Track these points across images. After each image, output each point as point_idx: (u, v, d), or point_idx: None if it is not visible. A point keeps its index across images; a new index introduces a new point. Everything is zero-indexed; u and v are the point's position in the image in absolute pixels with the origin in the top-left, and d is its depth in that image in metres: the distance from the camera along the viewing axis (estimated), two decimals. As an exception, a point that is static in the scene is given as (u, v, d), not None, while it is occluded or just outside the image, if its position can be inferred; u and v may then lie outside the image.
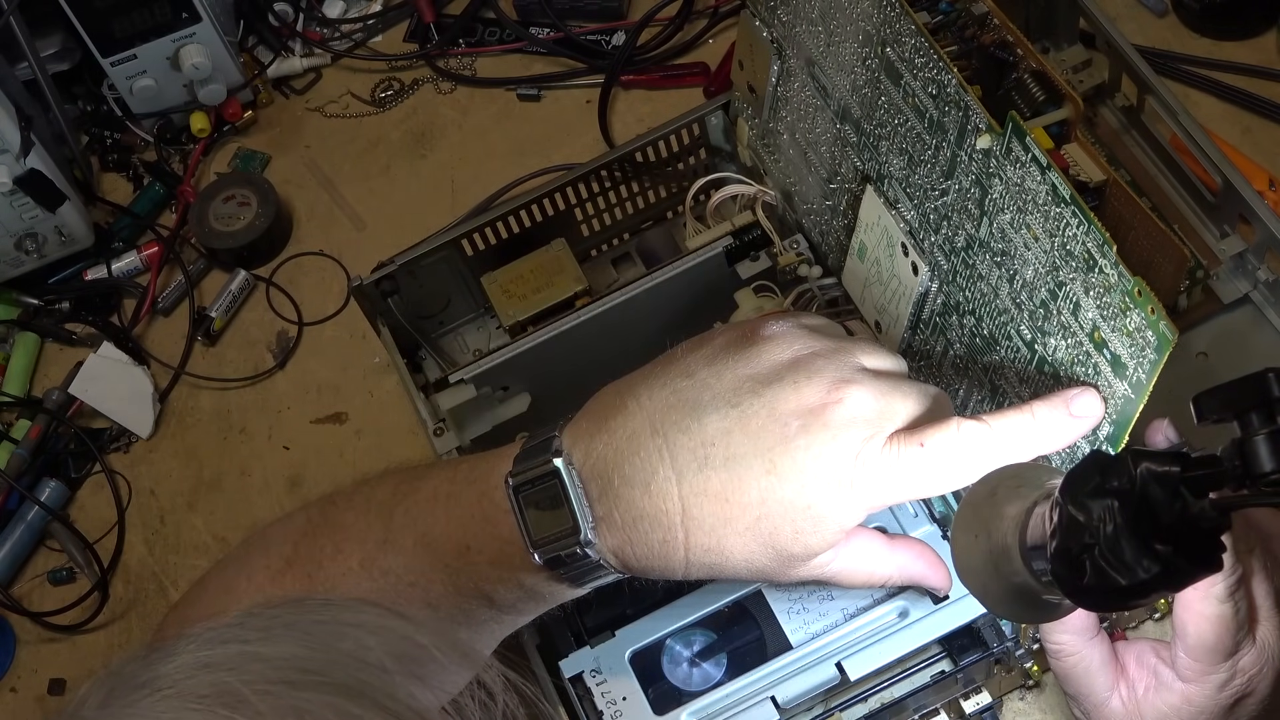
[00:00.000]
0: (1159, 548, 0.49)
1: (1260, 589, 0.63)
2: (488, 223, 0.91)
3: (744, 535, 0.61)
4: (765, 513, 0.61)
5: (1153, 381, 0.59)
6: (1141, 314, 0.58)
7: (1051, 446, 0.62)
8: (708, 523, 0.61)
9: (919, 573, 0.68)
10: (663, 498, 0.61)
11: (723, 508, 0.61)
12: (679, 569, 0.63)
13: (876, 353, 0.65)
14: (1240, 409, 0.51)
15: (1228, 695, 0.63)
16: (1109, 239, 0.59)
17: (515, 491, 0.63)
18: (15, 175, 0.98)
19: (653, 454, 0.61)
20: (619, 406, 0.63)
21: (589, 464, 0.62)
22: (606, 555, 0.63)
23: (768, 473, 0.60)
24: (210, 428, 1.01)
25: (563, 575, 0.63)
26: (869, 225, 0.78)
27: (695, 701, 0.75)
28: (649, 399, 0.63)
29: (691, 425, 0.61)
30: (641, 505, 0.61)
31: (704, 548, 0.62)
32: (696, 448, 0.61)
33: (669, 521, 0.61)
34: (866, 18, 0.72)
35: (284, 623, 0.47)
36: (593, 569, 0.63)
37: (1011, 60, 0.72)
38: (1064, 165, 0.69)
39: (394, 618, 0.50)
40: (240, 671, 0.43)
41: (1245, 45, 1.01)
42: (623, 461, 0.62)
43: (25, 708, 0.93)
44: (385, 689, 0.45)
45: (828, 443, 0.60)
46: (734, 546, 0.62)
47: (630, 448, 0.62)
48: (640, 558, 0.62)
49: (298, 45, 1.14)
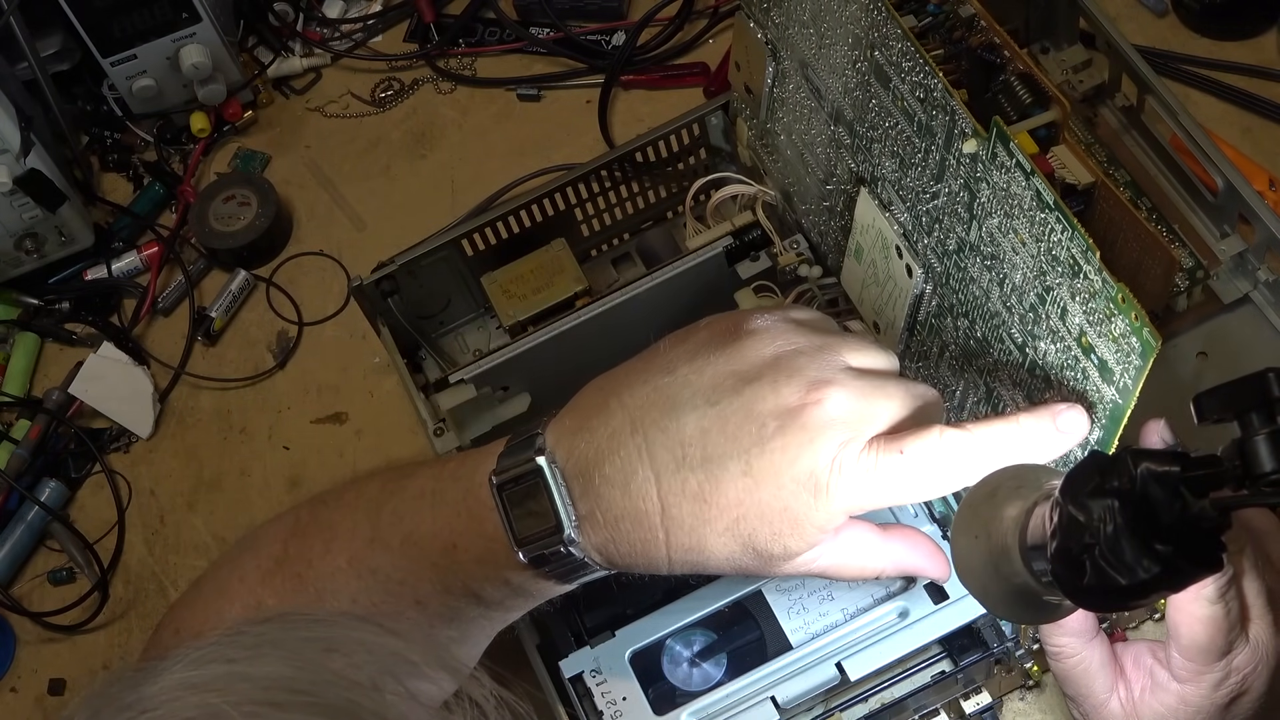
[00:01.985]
0: (1159, 548, 0.49)
1: (1252, 588, 0.63)
2: (488, 223, 0.91)
3: (723, 535, 0.61)
4: (743, 514, 0.60)
5: (1139, 387, 0.59)
6: (1126, 320, 0.58)
7: (1035, 459, 0.61)
8: (687, 522, 0.61)
9: (914, 563, 0.66)
10: (642, 498, 0.61)
11: (701, 508, 0.60)
12: (662, 566, 0.62)
13: (864, 350, 0.63)
14: (1240, 409, 0.51)
15: (1223, 694, 0.63)
16: (1092, 245, 0.59)
17: (499, 490, 0.62)
18: (15, 175, 0.98)
19: (632, 453, 0.61)
20: (601, 404, 0.63)
21: (571, 462, 0.62)
22: (591, 553, 0.62)
23: (744, 474, 0.60)
24: (210, 428, 1.01)
25: (548, 573, 0.63)
26: (864, 227, 0.78)
27: (695, 701, 0.75)
28: (630, 396, 0.62)
29: (670, 425, 0.61)
30: (622, 505, 0.61)
31: (684, 546, 0.61)
32: (674, 447, 0.60)
33: (649, 521, 0.61)
34: (855, 21, 0.72)
35: (271, 641, 0.46)
36: (578, 566, 0.63)
37: (999, 62, 0.72)
38: (1048, 170, 0.68)
39: (384, 634, 0.49)
40: (226, 692, 0.42)
41: (1245, 45, 1.01)
42: (603, 460, 0.61)
43: (25, 708, 0.93)
44: (376, 709, 0.44)
45: (804, 445, 0.59)
46: (714, 546, 0.61)
47: (610, 446, 0.61)
48: (624, 555, 0.62)
49: (298, 45, 1.14)
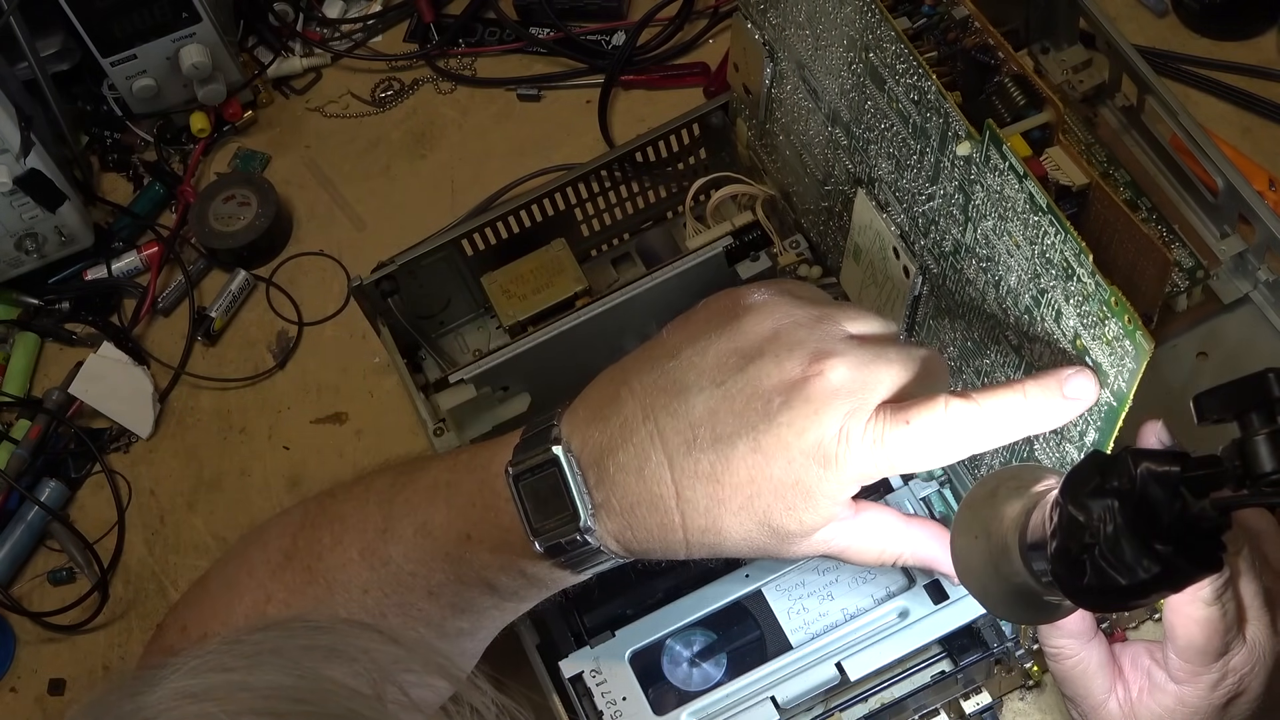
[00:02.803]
0: (1159, 548, 0.49)
1: (1249, 589, 0.63)
2: (488, 223, 0.91)
3: (738, 515, 0.61)
4: (756, 491, 0.60)
5: (1133, 390, 0.59)
6: (1119, 323, 0.58)
7: (1042, 427, 0.61)
8: (702, 504, 0.61)
9: (933, 555, 0.65)
10: (656, 482, 0.61)
11: (715, 489, 0.60)
12: (680, 550, 0.63)
13: (862, 317, 0.63)
14: (1240, 409, 0.51)
15: (1220, 695, 0.64)
16: (1085, 248, 0.59)
17: (515, 480, 0.63)
18: (15, 175, 0.98)
19: (644, 440, 0.61)
20: (613, 394, 0.63)
21: (586, 451, 0.62)
22: (607, 540, 0.63)
23: (754, 451, 0.60)
24: (210, 428, 1.01)
25: (564, 562, 0.64)
26: (862, 228, 0.78)
27: (695, 701, 0.75)
28: (639, 384, 0.63)
29: (679, 408, 0.61)
30: (637, 491, 0.61)
31: (701, 529, 0.61)
32: (684, 430, 0.61)
33: (665, 506, 0.61)
34: (850, 22, 0.73)
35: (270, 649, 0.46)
36: (594, 554, 0.63)
37: (993, 64, 0.72)
38: (1041, 172, 0.68)
39: (386, 641, 0.49)
40: (226, 701, 0.42)
41: (1245, 45, 1.01)
42: (617, 448, 0.62)
43: (25, 708, 0.93)
44: (377, 718, 0.44)
45: (810, 418, 0.59)
46: (730, 526, 0.61)
47: (623, 434, 0.62)
48: (641, 541, 0.62)
49: (298, 45, 1.14)
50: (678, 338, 0.64)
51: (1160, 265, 0.65)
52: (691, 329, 0.64)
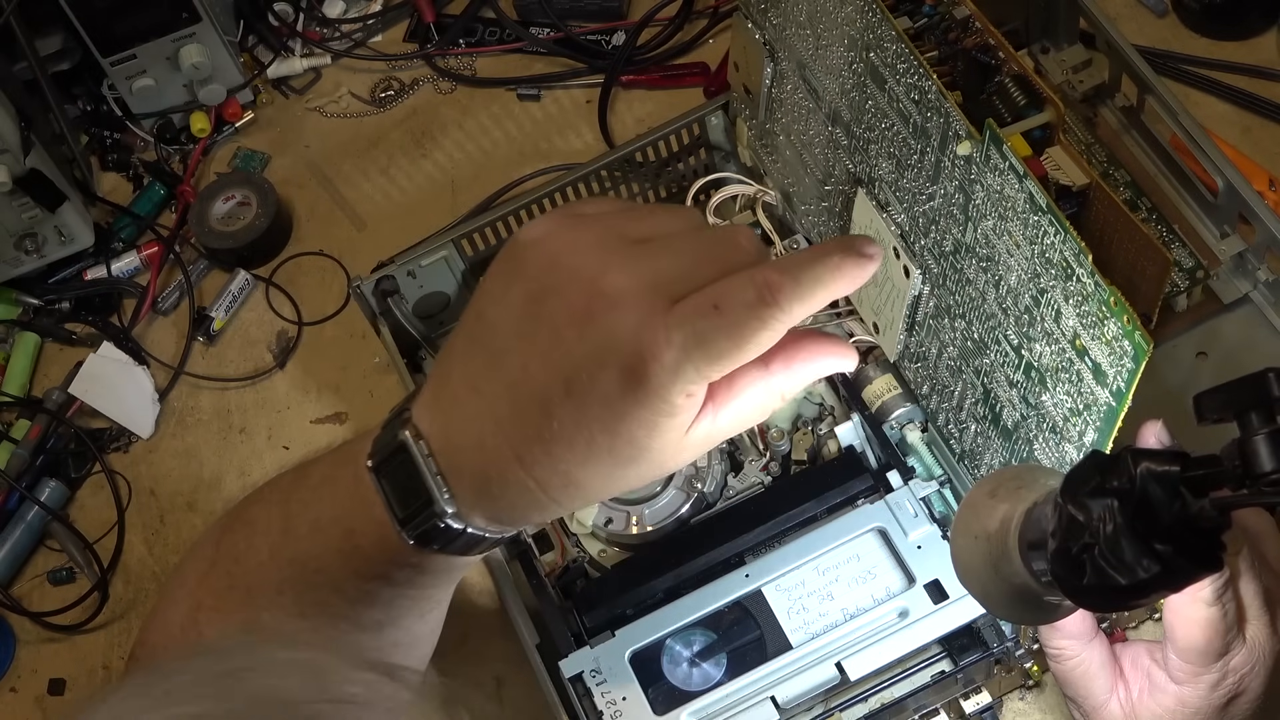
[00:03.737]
0: (1159, 547, 0.49)
1: (1248, 589, 0.63)
2: (488, 223, 0.91)
3: (587, 464, 0.56)
4: (589, 436, 0.55)
5: (1132, 390, 0.59)
6: (1118, 323, 0.58)
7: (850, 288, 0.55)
8: (548, 464, 0.56)
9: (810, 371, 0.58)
10: (498, 455, 0.57)
11: (551, 447, 0.56)
12: (556, 512, 0.60)
13: (646, 216, 0.58)
14: (1240, 409, 0.51)
15: (1220, 695, 0.64)
16: (1084, 248, 0.59)
17: (375, 472, 0.60)
18: (15, 175, 0.98)
19: (476, 413, 0.57)
20: (445, 372, 0.60)
21: (434, 434, 0.59)
22: (476, 520, 0.59)
23: (568, 395, 0.55)
24: (210, 428, 1.01)
25: (439, 549, 0.60)
26: (862, 228, 0.78)
27: (695, 701, 0.75)
28: (460, 355, 0.59)
29: (494, 373, 0.57)
30: (484, 467, 0.57)
31: (560, 487, 0.57)
32: (506, 394, 0.56)
33: (515, 477, 0.57)
34: (850, 22, 0.73)
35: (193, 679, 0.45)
36: (469, 536, 0.60)
37: (994, 63, 0.72)
38: (1041, 173, 0.68)
39: (300, 648, 0.48)
40: None
41: (1245, 45, 1.01)
42: (455, 428, 0.58)
43: (25, 708, 0.93)
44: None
45: (604, 344, 0.54)
46: (586, 476, 0.57)
47: (457, 410, 0.58)
48: (510, 515, 0.59)
49: (298, 45, 1.14)
50: (481, 300, 0.59)
51: (1160, 265, 0.65)
52: (490, 285, 0.59)
